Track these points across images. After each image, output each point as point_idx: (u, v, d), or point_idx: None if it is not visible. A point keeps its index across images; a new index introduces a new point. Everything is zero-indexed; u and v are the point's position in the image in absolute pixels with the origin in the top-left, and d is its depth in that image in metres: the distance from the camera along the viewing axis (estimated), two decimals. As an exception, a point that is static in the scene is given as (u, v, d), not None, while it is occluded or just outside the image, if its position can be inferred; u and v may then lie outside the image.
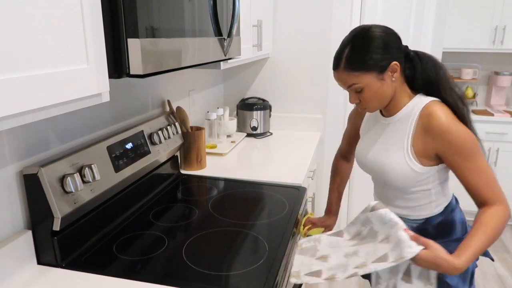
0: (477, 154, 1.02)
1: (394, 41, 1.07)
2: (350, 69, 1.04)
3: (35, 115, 0.64)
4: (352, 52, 1.04)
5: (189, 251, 1.09)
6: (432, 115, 1.03)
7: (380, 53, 1.03)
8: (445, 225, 1.15)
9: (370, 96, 1.07)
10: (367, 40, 1.04)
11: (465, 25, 3.08)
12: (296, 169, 1.76)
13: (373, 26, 1.07)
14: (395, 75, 1.06)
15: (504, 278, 2.52)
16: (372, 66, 1.03)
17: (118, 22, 0.79)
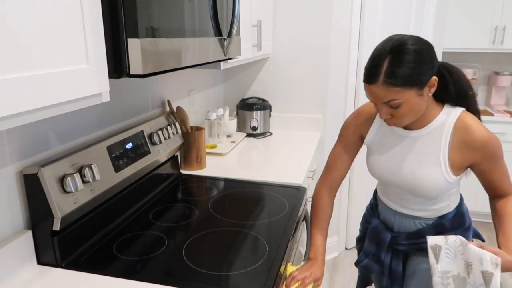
0: (502, 158, 1.10)
1: (432, 53, 1.02)
2: (391, 84, 0.97)
3: (35, 115, 0.64)
4: (393, 66, 0.97)
5: (189, 251, 1.09)
6: (472, 128, 1.06)
7: (422, 68, 0.98)
8: (458, 217, 1.22)
9: (406, 112, 1.02)
10: (409, 54, 0.97)
11: (465, 25, 3.08)
12: (296, 169, 1.76)
13: (411, 38, 1.01)
14: (432, 90, 1.03)
15: (504, 278, 2.52)
16: (415, 81, 0.98)
17: (118, 22, 0.79)
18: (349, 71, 2.40)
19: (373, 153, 1.24)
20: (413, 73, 0.97)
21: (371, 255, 1.32)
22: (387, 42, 1.01)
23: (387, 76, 0.97)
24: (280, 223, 1.27)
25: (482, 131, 1.05)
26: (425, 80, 1.00)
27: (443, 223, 1.20)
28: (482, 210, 3.15)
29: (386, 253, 1.30)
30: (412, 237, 1.24)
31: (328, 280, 2.47)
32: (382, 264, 1.31)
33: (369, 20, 2.35)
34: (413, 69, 0.97)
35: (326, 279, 2.48)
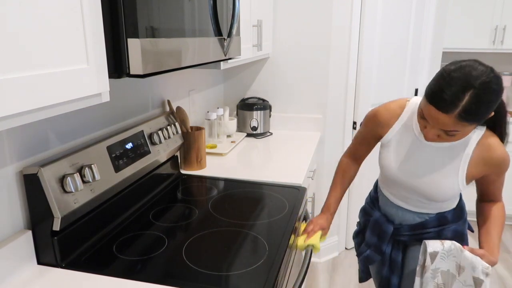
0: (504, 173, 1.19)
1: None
2: (465, 119, 0.95)
3: (35, 115, 0.64)
4: (474, 103, 0.93)
5: (189, 251, 1.09)
6: (494, 147, 1.12)
7: (494, 107, 0.97)
8: (458, 210, 1.31)
9: (456, 139, 1.07)
10: (492, 94, 0.94)
11: (465, 25, 3.08)
12: (296, 169, 1.76)
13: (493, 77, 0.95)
14: None
15: (504, 278, 2.52)
16: (483, 119, 0.98)
17: (118, 22, 0.79)
18: (349, 71, 2.39)
19: (389, 151, 1.25)
20: (487, 113, 0.96)
21: (372, 246, 1.37)
22: (472, 72, 0.95)
23: (464, 111, 0.93)
24: (280, 223, 1.27)
25: (502, 151, 1.13)
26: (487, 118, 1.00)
27: (445, 215, 1.27)
28: (482, 210, 3.14)
29: (388, 243, 1.36)
30: (414, 229, 1.29)
31: (328, 280, 2.47)
32: (383, 255, 1.37)
33: (369, 20, 2.35)
34: (490, 109, 0.96)
35: (326, 279, 2.48)
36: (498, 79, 0.95)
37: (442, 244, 1.17)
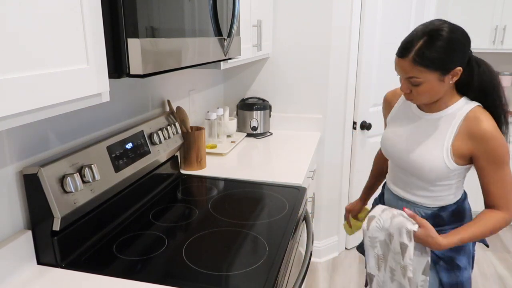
0: (505, 165, 1.09)
1: (465, 45, 1.07)
2: (417, 63, 1.04)
3: (35, 115, 0.64)
4: (425, 47, 1.03)
5: (189, 251, 1.09)
6: (480, 120, 1.08)
7: (450, 56, 1.03)
8: (458, 212, 1.23)
9: (423, 92, 1.09)
10: (443, 40, 1.03)
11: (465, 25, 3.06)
12: (296, 169, 1.76)
13: (449, 26, 1.05)
14: (454, 78, 1.08)
15: (504, 278, 2.52)
16: (439, 66, 1.04)
17: (118, 22, 0.79)
18: (349, 71, 2.40)
19: (388, 128, 1.31)
20: (440, 59, 1.03)
21: None
22: (428, 24, 1.07)
23: (416, 54, 1.04)
24: (280, 223, 1.27)
25: (489, 125, 1.07)
26: (449, 68, 1.05)
27: (441, 215, 1.22)
28: (482, 210, 3.15)
29: None
30: None
31: (328, 280, 2.47)
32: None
33: (369, 20, 2.35)
34: (441, 54, 1.03)
35: (326, 279, 2.48)
36: (452, 29, 1.04)
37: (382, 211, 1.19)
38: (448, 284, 1.20)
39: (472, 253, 1.26)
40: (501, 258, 2.74)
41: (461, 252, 1.21)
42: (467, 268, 1.22)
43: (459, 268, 1.20)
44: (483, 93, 1.13)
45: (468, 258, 1.23)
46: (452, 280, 1.20)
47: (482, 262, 2.68)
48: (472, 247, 1.27)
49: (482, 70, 1.12)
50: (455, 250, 1.21)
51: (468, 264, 1.23)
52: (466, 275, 1.21)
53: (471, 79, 1.12)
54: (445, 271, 1.20)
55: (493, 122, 1.08)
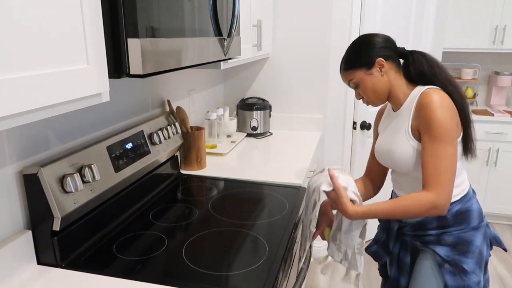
0: (443, 141, 1.08)
1: (382, 42, 1.21)
2: (345, 68, 1.24)
3: (35, 115, 0.64)
4: (347, 55, 1.25)
5: (189, 251, 1.09)
6: (428, 94, 1.12)
7: (365, 52, 1.20)
8: (462, 213, 1.20)
9: (365, 89, 1.23)
10: (357, 44, 1.24)
11: (465, 25, 3.08)
12: (296, 169, 1.76)
13: (371, 34, 1.24)
14: (383, 70, 1.20)
15: (504, 278, 2.52)
16: (360, 63, 1.21)
17: (118, 22, 0.79)
18: (349, 71, 2.39)
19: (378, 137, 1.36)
20: (358, 57, 1.21)
21: (380, 242, 1.36)
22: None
23: (344, 62, 1.26)
24: (280, 223, 1.27)
25: (436, 97, 1.09)
26: (368, 61, 1.19)
27: (445, 216, 1.20)
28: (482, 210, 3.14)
29: (395, 243, 1.35)
30: (415, 228, 1.26)
31: (328, 280, 2.47)
32: (391, 254, 1.35)
33: (369, 20, 2.35)
34: (358, 53, 1.22)
35: (326, 279, 2.48)
36: (363, 36, 1.25)
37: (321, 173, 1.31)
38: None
39: (484, 257, 1.21)
40: (501, 258, 2.74)
41: (468, 255, 1.18)
42: (475, 273, 1.17)
43: (465, 272, 1.16)
44: (424, 77, 1.19)
45: (478, 262, 1.18)
46: (458, 284, 1.16)
47: (482, 262, 2.68)
48: (487, 251, 1.22)
49: (415, 59, 1.21)
50: (461, 253, 1.18)
51: (478, 268, 1.18)
52: (474, 280, 1.16)
53: (409, 69, 1.22)
54: (450, 274, 1.17)
55: (441, 97, 1.09)
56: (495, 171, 3.06)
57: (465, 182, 1.24)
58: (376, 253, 1.38)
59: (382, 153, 1.28)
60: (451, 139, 1.08)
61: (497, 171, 3.06)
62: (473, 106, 3.41)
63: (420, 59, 1.21)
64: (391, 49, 1.22)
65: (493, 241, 1.27)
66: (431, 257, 1.22)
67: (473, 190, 1.28)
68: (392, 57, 1.22)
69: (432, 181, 1.08)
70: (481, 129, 3.01)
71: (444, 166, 1.07)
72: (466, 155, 1.20)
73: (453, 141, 1.08)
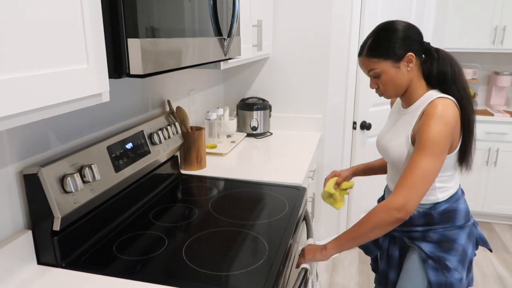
0: (427, 152, 1.06)
1: (413, 34, 1.15)
2: (370, 55, 1.16)
3: (35, 115, 0.64)
4: (374, 41, 1.16)
5: (189, 251, 1.09)
6: (434, 105, 1.09)
7: (398, 43, 1.13)
8: (448, 212, 1.21)
9: (386, 82, 1.17)
10: (389, 31, 1.15)
11: (465, 25, 3.08)
12: (296, 169, 1.76)
13: (398, 20, 1.17)
14: (411, 65, 1.15)
15: (504, 278, 2.52)
16: (389, 54, 1.14)
17: (118, 22, 0.79)
18: (349, 71, 2.40)
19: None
20: (388, 46, 1.14)
21: None
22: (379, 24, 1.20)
23: (368, 49, 1.17)
24: (280, 223, 1.27)
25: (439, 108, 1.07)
26: (398, 54, 1.14)
27: (432, 214, 1.21)
28: (482, 210, 3.15)
29: (385, 238, 1.37)
30: (403, 224, 1.27)
31: (328, 280, 2.47)
32: (381, 248, 1.38)
33: (369, 20, 2.35)
34: (389, 42, 1.14)
35: (326, 279, 2.48)
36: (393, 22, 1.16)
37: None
38: (436, 283, 1.18)
39: (469, 256, 1.22)
40: (501, 258, 2.74)
41: (451, 252, 1.19)
42: (458, 270, 1.18)
43: (447, 268, 1.17)
44: (444, 82, 1.16)
45: (461, 260, 1.19)
46: (440, 280, 1.18)
47: (482, 262, 2.68)
48: (472, 250, 1.23)
49: (441, 58, 1.16)
50: (445, 250, 1.19)
51: (461, 266, 1.19)
52: (456, 277, 1.17)
53: (432, 67, 1.17)
54: (433, 270, 1.19)
55: (447, 111, 1.07)
56: (495, 171, 3.06)
57: (456, 182, 1.25)
58: (366, 247, 1.41)
59: (381, 146, 1.30)
60: (437, 152, 1.06)
61: (497, 171, 3.06)
62: (473, 106, 3.40)
63: (446, 61, 1.16)
64: (419, 42, 1.16)
65: (479, 241, 1.28)
66: (418, 253, 1.24)
67: (462, 191, 1.28)
68: (419, 51, 1.17)
69: (400, 184, 1.07)
70: (481, 129, 3.01)
71: (418, 175, 1.06)
72: (461, 166, 1.20)
73: (439, 155, 1.07)
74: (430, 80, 1.18)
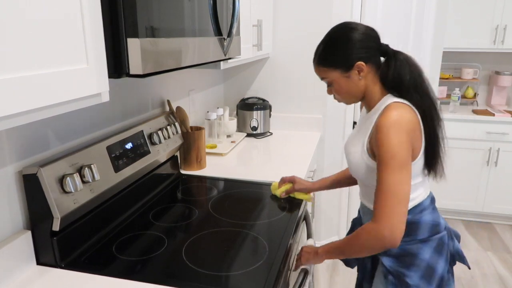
0: (389, 167, 0.99)
1: (366, 40, 1.08)
2: (320, 64, 1.13)
3: (35, 115, 0.64)
4: (323, 50, 1.12)
5: (189, 251, 1.09)
6: (386, 114, 1.02)
7: (347, 53, 1.08)
8: (410, 224, 1.09)
9: (338, 90, 1.14)
10: (339, 40, 1.09)
11: (466, 25, 3.08)
12: (296, 169, 1.76)
13: (349, 25, 1.10)
14: (362, 74, 1.09)
15: (504, 278, 2.51)
16: (338, 63, 1.09)
17: (118, 21, 0.79)
18: (349, 71, 2.39)
19: None
20: (336, 55, 1.09)
21: None
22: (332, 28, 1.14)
23: (319, 57, 1.13)
24: (280, 223, 1.27)
25: (390, 117, 1.00)
26: (348, 64, 1.08)
27: None
28: (483, 210, 3.14)
29: None
30: None
31: (328, 280, 2.47)
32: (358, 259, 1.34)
33: (369, 20, 2.35)
34: (337, 51, 1.09)
35: (326, 279, 2.47)
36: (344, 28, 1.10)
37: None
38: None
39: (438, 273, 1.10)
40: (501, 258, 2.73)
41: (411, 268, 1.09)
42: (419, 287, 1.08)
43: (407, 285, 1.08)
44: (400, 87, 1.08)
45: (425, 277, 1.09)
46: None
47: (482, 262, 2.68)
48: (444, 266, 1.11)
49: (398, 61, 1.08)
50: (405, 265, 1.10)
51: (425, 283, 1.09)
52: None
53: (388, 72, 1.09)
54: (392, 286, 1.10)
55: (401, 119, 1.00)
56: (495, 171, 3.06)
57: (421, 195, 1.14)
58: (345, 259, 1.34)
59: (344, 150, 1.22)
60: (401, 164, 0.98)
61: (498, 171, 3.05)
62: (474, 106, 3.41)
63: (403, 65, 1.08)
64: (373, 48, 1.09)
65: (456, 255, 1.17)
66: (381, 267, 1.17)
67: (432, 200, 1.17)
68: (373, 57, 1.09)
69: (378, 212, 0.99)
70: (482, 129, 3.01)
71: (392, 197, 0.98)
72: (429, 174, 1.11)
73: (403, 166, 0.99)
74: (386, 84, 1.11)
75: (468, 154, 3.08)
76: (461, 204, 3.18)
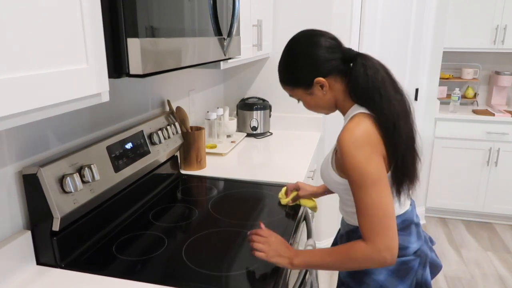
0: (363, 187, 0.92)
1: (325, 53, 1.00)
2: (282, 83, 1.11)
3: (35, 115, 0.64)
4: (283, 69, 1.09)
5: (189, 251, 1.09)
6: (343, 130, 0.96)
7: (305, 70, 1.03)
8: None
9: (307, 105, 1.13)
10: (296, 58, 1.04)
11: (466, 25, 3.08)
12: (296, 169, 1.75)
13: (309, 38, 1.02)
14: (325, 89, 1.03)
15: (504, 278, 2.51)
16: (297, 83, 1.06)
17: (118, 21, 0.79)
18: (349, 71, 2.39)
19: None
20: (288, 75, 1.07)
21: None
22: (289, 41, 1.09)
23: (280, 76, 1.11)
24: (280, 223, 1.27)
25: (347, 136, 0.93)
26: (307, 82, 1.04)
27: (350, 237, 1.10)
28: (483, 210, 3.14)
29: None
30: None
31: (328, 280, 2.47)
32: None
33: (369, 20, 2.35)
34: (287, 71, 1.07)
35: (326, 279, 2.47)
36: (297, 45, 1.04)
37: None
38: None
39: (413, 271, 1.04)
40: (501, 258, 2.73)
41: (362, 285, 1.04)
42: None
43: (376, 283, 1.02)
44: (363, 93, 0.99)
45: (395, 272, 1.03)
46: None
47: (483, 262, 2.68)
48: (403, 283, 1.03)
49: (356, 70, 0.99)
50: (356, 281, 1.05)
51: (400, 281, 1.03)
52: None
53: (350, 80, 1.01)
54: None
55: (360, 133, 0.92)
56: (495, 171, 3.06)
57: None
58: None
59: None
60: (371, 182, 0.91)
61: (498, 171, 3.05)
62: (474, 106, 3.41)
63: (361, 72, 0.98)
64: (335, 59, 1.00)
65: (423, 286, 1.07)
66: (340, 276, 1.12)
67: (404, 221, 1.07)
68: (335, 69, 1.01)
69: (365, 232, 0.92)
70: (482, 129, 3.01)
71: (375, 215, 0.91)
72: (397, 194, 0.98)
73: (375, 183, 0.91)
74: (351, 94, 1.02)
75: (468, 154, 3.08)
76: (461, 204, 3.18)
